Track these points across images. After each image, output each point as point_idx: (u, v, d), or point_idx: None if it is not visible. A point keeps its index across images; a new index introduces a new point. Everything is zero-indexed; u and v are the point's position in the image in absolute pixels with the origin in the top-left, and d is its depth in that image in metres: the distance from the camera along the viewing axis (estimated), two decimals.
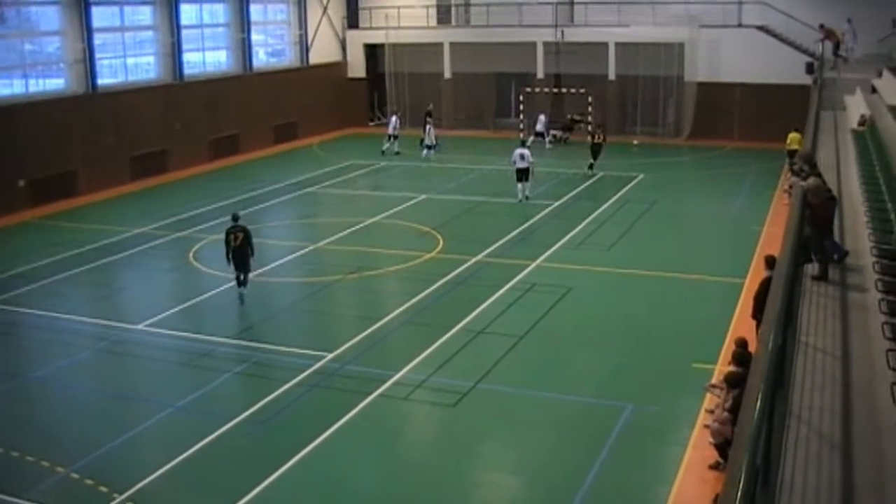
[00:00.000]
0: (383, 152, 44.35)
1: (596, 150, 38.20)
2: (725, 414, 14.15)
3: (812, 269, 14.06)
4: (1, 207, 32.82)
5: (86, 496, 14.25)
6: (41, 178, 34.94)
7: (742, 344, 15.28)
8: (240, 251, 22.82)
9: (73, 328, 21.84)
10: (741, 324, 19.67)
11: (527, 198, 33.24)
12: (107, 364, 20.34)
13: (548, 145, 45.82)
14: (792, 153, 32.91)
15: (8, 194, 33.57)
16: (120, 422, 16.98)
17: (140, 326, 21.74)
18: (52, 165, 35.50)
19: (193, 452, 15.55)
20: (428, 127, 43.95)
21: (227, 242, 22.87)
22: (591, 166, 38.19)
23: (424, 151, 43.34)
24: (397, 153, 44.27)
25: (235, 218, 23.42)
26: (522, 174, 33.30)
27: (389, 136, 44.81)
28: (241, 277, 23.06)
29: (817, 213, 14.15)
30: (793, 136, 33.75)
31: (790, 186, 29.11)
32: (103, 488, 14.41)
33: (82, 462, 15.30)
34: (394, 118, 45.53)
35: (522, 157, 33.31)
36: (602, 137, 38.69)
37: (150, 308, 23.06)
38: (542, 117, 46.30)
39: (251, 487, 14.28)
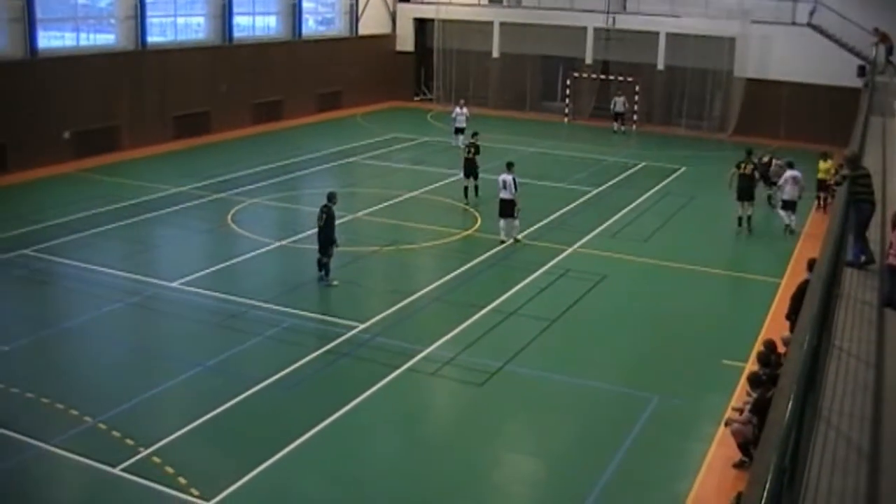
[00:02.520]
0: (458, 147, 37.92)
1: None
2: (747, 414, 14.11)
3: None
4: (45, 158, 33.10)
5: (112, 447, 14.41)
6: (86, 132, 35.21)
7: (769, 345, 15.22)
8: (322, 232, 22.10)
9: (108, 281, 22.05)
10: (774, 324, 19.57)
11: (516, 240, 26.05)
12: (139, 319, 20.55)
13: (615, 128, 45.98)
14: (822, 183, 31.41)
15: (53, 145, 33.87)
16: (149, 377, 17.16)
17: (174, 284, 21.91)
18: (97, 119, 35.77)
19: (220, 412, 15.69)
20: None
21: (317, 220, 22.26)
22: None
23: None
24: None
25: (329, 197, 22.34)
26: (504, 208, 25.88)
27: (457, 130, 39.97)
28: (321, 261, 22.33)
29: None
30: (822, 165, 31.60)
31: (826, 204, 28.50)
32: (129, 441, 14.57)
33: (110, 413, 15.48)
34: (458, 110, 40.56)
35: (504, 185, 25.73)
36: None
37: (185, 267, 23.24)
38: (619, 100, 46.38)
39: (274, 452, 14.40)
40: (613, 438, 15.46)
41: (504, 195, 25.78)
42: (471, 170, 30.77)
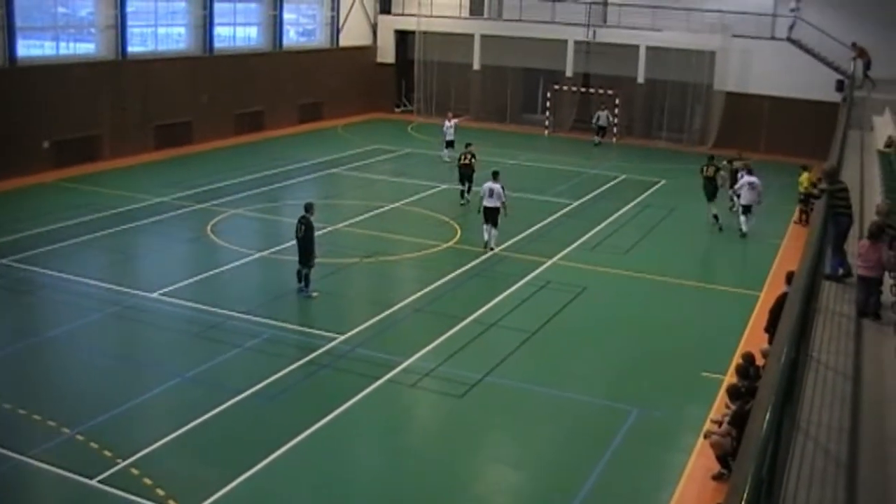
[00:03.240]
0: (446, 162, 38.64)
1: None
2: (726, 426, 14.17)
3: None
4: (24, 167, 32.91)
5: (90, 458, 14.32)
6: (66, 141, 35.06)
7: (747, 358, 15.29)
8: (301, 243, 22.04)
9: (88, 291, 21.95)
10: (753, 336, 19.64)
11: (491, 248, 26.55)
12: (119, 329, 20.47)
13: (596, 141, 46.35)
14: (805, 196, 31.47)
15: (32, 155, 33.69)
16: (128, 387, 17.08)
17: (154, 294, 21.82)
18: (77, 129, 35.62)
19: (199, 423, 15.63)
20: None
21: (296, 231, 22.27)
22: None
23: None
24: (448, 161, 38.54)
25: (306, 208, 22.32)
26: (489, 214, 26.44)
27: (447, 144, 39.36)
28: (301, 272, 22.29)
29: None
30: (803, 177, 31.89)
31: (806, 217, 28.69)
32: (107, 452, 14.49)
33: (88, 424, 15.40)
34: (448, 123, 39.87)
35: (491, 193, 26.26)
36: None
37: (166, 277, 23.16)
38: (602, 114, 46.88)
39: (254, 463, 14.34)
40: (594, 450, 15.48)
41: (489, 203, 26.26)
42: (466, 175, 32.05)
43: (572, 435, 16.34)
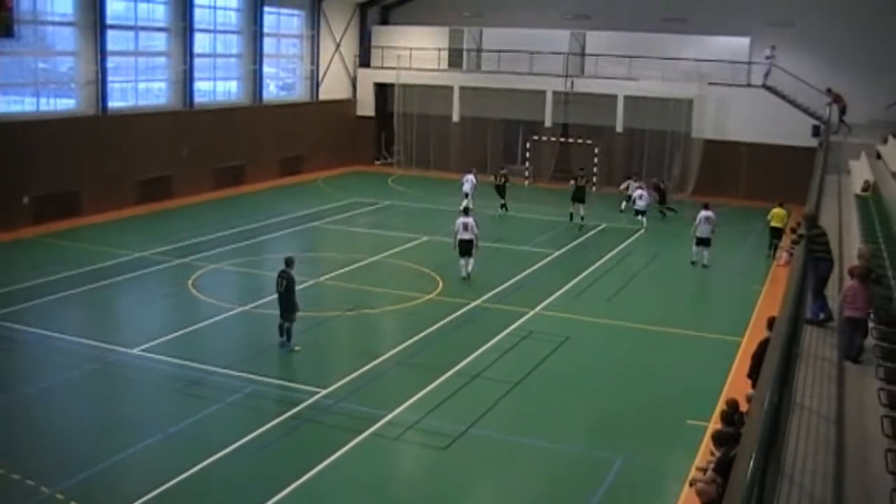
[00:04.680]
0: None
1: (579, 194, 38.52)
2: (711, 473, 14.09)
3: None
4: (4, 223, 32.84)
5: None
6: (45, 196, 34.99)
7: (731, 404, 15.25)
8: (283, 297, 22.03)
9: (68, 348, 21.78)
10: (737, 382, 19.63)
11: (468, 276, 28.73)
12: (99, 386, 20.28)
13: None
14: (775, 231, 32.58)
15: (12, 210, 33.61)
16: (109, 445, 16.88)
17: (135, 351, 21.67)
18: (57, 184, 35.55)
19: (181, 480, 15.43)
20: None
21: (277, 286, 22.28)
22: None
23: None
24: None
25: (287, 262, 22.24)
26: (465, 247, 28.60)
27: (467, 195, 39.40)
28: (283, 326, 22.22)
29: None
30: (776, 211, 32.93)
31: (787, 259, 29.20)
32: None
33: (68, 483, 15.18)
34: (469, 177, 40.52)
35: (466, 227, 28.49)
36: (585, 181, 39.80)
37: (146, 333, 23.01)
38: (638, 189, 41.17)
39: None
40: (579, 500, 15.39)
41: (464, 236, 28.48)
42: (501, 193, 39.87)
43: (557, 485, 16.23)
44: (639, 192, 38.58)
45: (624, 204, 41.38)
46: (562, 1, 51.65)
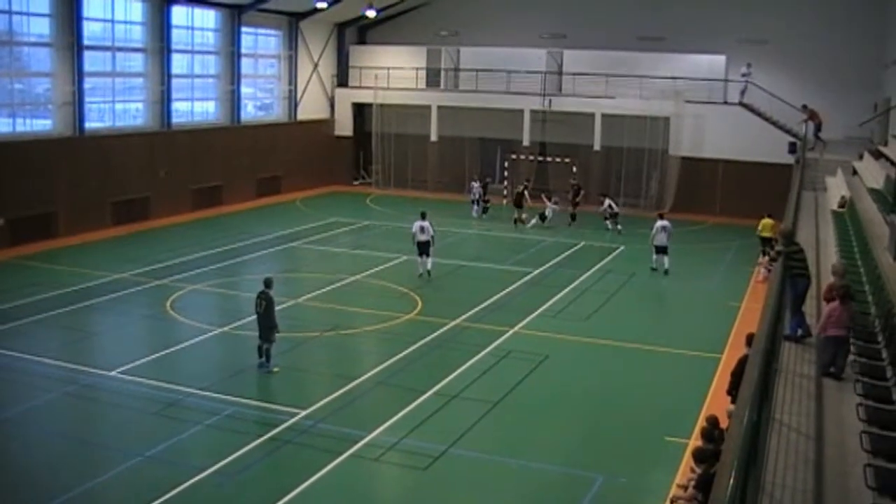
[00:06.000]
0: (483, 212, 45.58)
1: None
2: (692, 490, 14.09)
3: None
4: None
5: None
6: (22, 218, 34.82)
7: (712, 421, 15.27)
8: (262, 318, 21.94)
9: (45, 371, 21.61)
10: (716, 399, 19.66)
11: (428, 273, 31.45)
12: (76, 409, 20.13)
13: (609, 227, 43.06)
14: (765, 241, 33.06)
15: None
16: (86, 468, 16.76)
17: (112, 373, 21.52)
18: (33, 206, 35.40)
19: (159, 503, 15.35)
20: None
21: (255, 307, 22.21)
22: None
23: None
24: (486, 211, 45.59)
25: (265, 283, 22.18)
26: (423, 248, 31.26)
27: (475, 202, 45.74)
28: (262, 347, 22.09)
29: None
30: (765, 222, 33.83)
31: (765, 276, 29.43)
32: None
33: None
34: (476, 185, 46.00)
35: (423, 229, 31.10)
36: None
37: (124, 355, 22.86)
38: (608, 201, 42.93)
39: None
40: None
41: (422, 237, 31.09)
42: (519, 202, 42.31)
43: None
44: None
45: (609, 223, 41.97)
46: (538, 20, 51.89)
